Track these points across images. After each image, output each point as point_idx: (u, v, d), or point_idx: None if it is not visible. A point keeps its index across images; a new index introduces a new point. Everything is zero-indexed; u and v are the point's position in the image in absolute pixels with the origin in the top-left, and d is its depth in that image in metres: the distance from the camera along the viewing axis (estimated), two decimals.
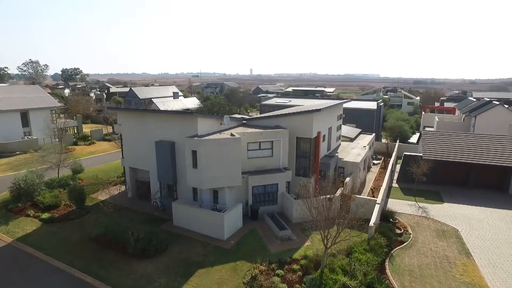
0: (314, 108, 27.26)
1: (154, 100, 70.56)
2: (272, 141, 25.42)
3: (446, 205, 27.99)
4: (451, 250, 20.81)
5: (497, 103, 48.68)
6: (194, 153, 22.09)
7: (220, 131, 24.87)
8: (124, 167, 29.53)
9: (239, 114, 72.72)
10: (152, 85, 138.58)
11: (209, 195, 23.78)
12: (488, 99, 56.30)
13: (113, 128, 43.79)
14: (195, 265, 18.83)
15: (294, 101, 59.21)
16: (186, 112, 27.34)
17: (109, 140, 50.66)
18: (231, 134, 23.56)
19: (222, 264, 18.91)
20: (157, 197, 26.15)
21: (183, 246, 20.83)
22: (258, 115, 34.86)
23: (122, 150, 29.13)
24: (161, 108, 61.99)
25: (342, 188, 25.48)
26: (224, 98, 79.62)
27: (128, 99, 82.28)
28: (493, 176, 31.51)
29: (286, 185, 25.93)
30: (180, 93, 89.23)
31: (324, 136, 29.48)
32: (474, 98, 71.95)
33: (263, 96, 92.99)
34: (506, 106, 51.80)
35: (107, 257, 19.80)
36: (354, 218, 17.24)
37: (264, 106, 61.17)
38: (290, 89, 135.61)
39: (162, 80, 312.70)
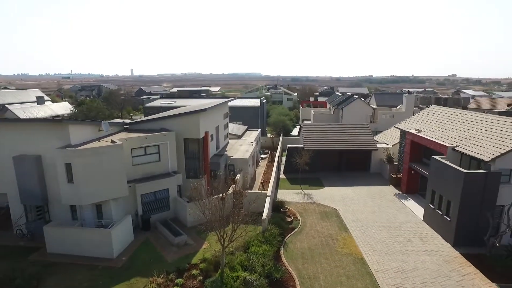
0: (200, 108, 26.94)
1: (10, 107, 58.86)
2: (158, 145, 24.07)
3: (326, 189, 31.41)
4: (333, 228, 23.41)
5: (357, 97, 57.19)
6: (68, 166, 19.17)
7: (98, 139, 22.25)
8: None
9: (121, 118, 67.11)
10: (6, 88, 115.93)
11: (91, 211, 21.06)
12: (350, 94, 65.58)
13: None
14: None
15: (179, 102, 57.71)
16: (53, 120, 23.59)
17: None
18: (112, 141, 21.33)
19: (114, 286, 16.94)
20: (22, 224, 21.85)
21: (63, 276, 17.85)
22: (142, 118, 32.65)
23: None
24: (22, 116, 52.35)
25: (233, 186, 25.94)
26: (102, 102, 72.28)
27: None
28: (358, 159, 36.82)
29: (177, 189, 24.94)
30: (46, 98, 77.04)
31: (212, 135, 29.48)
32: (340, 93, 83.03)
33: (147, 98, 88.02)
34: (363, 99, 61.38)
35: None
36: (248, 213, 17.64)
37: (149, 109, 57.85)
38: (175, 89, 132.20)
39: (20, 83, 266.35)
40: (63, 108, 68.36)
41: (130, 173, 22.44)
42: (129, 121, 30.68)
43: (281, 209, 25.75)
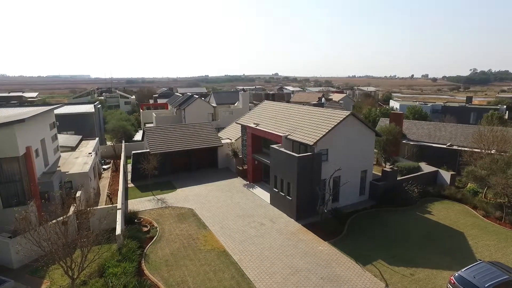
0: (15, 119, 21.85)
1: None
2: None
3: (179, 191, 31.01)
4: (192, 228, 23.40)
5: (197, 97, 58.67)
6: None
7: None
8: None
9: None
10: None
11: None
12: (190, 94, 66.62)
13: None
14: None
15: None
16: None
17: None
18: None
19: None
20: None
21: None
22: None
23: None
24: None
25: (75, 205, 22.36)
26: None
27: None
28: (206, 156, 37.96)
29: None
30: None
31: (37, 150, 24.55)
32: (179, 93, 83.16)
33: None
34: (203, 98, 63.53)
35: None
36: (99, 232, 15.59)
37: None
38: None
39: None
40: None
41: None
42: None
43: (135, 220, 23.95)
